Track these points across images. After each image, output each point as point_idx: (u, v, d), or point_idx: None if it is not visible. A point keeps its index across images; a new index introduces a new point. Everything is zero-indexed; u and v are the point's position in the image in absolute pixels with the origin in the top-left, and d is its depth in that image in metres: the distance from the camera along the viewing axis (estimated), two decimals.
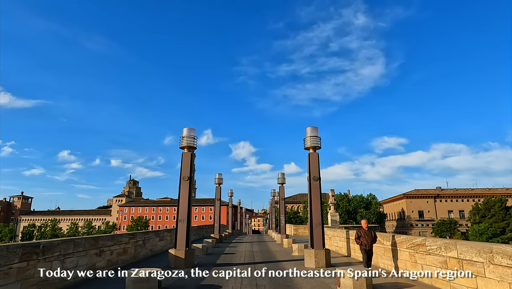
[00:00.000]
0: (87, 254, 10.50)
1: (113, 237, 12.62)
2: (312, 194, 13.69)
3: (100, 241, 11.53)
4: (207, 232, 37.04)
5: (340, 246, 18.40)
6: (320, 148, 14.34)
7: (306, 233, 40.79)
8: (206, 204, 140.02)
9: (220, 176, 29.30)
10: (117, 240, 12.95)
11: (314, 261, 12.90)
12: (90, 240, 10.79)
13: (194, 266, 13.34)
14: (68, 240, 9.58)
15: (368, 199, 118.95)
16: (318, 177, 13.93)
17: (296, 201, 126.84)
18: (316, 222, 13.46)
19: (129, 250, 14.22)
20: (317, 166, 14.05)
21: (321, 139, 14.41)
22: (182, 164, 14.11)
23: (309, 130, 14.44)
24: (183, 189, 13.85)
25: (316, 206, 13.59)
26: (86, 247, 10.51)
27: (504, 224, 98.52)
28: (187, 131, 14.41)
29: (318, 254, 12.96)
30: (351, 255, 16.35)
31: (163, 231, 19.49)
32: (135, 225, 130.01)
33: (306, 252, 13.33)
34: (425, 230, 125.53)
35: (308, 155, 14.25)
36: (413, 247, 10.23)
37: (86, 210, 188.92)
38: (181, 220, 13.50)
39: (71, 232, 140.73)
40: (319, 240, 13.23)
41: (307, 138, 14.40)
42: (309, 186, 13.88)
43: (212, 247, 22.58)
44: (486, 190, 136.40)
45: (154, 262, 14.98)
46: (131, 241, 14.51)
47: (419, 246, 9.86)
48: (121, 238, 13.35)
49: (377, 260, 13.07)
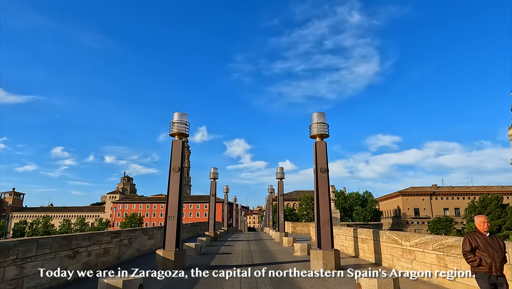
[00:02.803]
0: (56, 256, 8.81)
1: (91, 236, 10.93)
2: (320, 187, 12.10)
3: (74, 240, 9.84)
4: (201, 230, 35.42)
5: (346, 246, 16.88)
6: (328, 136, 12.74)
7: (304, 231, 39.31)
8: (201, 201, 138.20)
9: (216, 170, 27.62)
10: (96, 239, 11.27)
11: (322, 263, 11.32)
12: (60, 240, 9.10)
13: (185, 268, 11.73)
14: (29, 240, 7.88)
15: (364, 196, 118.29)
16: (326, 168, 12.34)
17: (292, 198, 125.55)
18: (324, 219, 11.87)
19: (112, 250, 12.54)
20: (325, 156, 12.45)
21: (329, 126, 12.81)
22: (172, 153, 12.44)
23: (315, 116, 12.82)
24: (173, 181, 12.19)
25: (324, 201, 12.01)
26: (55, 249, 8.82)
27: (501, 222, 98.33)
28: (178, 116, 12.72)
29: (326, 256, 11.39)
30: (360, 256, 14.84)
31: (152, 229, 17.82)
32: (129, 222, 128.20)
33: (313, 253, 11.75)
34: (421, 228, 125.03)
35: (315, 143, 12.64)
36: (442, 248, 8.70)
37: (79, 206, 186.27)
38: (171, 217, 11.84)
39: (64, 229, 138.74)
40: (328, 239, 11.65)
41: (313, 126, 12.78)
42: (316, 178, 12.28)
43: (206, 246, 20.96)
44: (482, 187, 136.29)
45: (141, 263, 13.32)
46: (114, 240, 12.83)
47: (451, 248, 8.32)
48: (101, 237, 11.67)
49: (393, 262, 11.54)
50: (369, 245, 13.82)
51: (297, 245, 16.57)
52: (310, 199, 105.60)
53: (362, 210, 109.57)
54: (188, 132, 12.86)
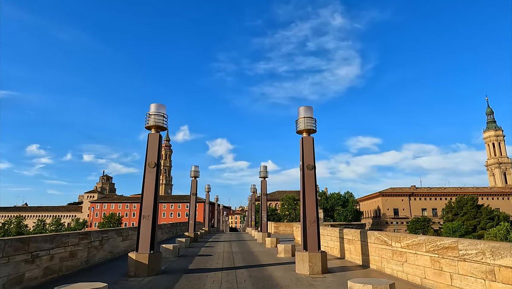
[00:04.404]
0: (9, 261, 7.72)
1: (54, 238, 9.82)
2: (306, 185, 11.40)
3: (33, 243, 8.73)
4: (181, 230, 34.27)
5: (331, 247, 16.29)
6: (315, 131, 12.07)
7: (287, 231, 38.72)
8: (182, 201, 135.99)
9: (197, 168, 26.61)
10: (61, 241, 10.16)
11: (308, 266, 10.63)
12: (15, 243, 7.99)
13: (161, 273, 10.78)
14: None
15: (345, 196, 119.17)
16: (313, 165, 11.66)
17: (274, 198, 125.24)
18: (310, 219, 11.18)
19: (79, 253, 11.43)
20: (311, 152, 11.77)
21: (316, 121, 12.15)
22: (148, 147, 11.44)
23: (302, 110, 12.12)
24: (148, 178, 11.19)
25: (310, 199, 11.31)
26: (9, 253, 7.72)
27: (476, 222, 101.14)
28: (155, 107, 11.72)
29: (312, 258, 10.70)
30: (346, 257, 14.26)
31: (127, 229, 16.69)
32: (107, 222, 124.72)
33: (298, 255, 11.04)
34: (400, 228, 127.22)
35: (301, 139, 11.94)
36: (437, 250, 8.14)
37: (55, 206, 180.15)
38: (145, 216, 10.85)
39: (38, 230, 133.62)
40: (314, 240, 10.97)
41: (300, 120, 12.08)
42: (302, 175, 11.58)
43: (185, 247, 19.97)
44: (458, 189, 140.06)
45: (112, 267, 12.26)
46: (83, 242, 11.71)
47: (448, 250, 7.76)
48: (66, 238, 10.55)
49: (381, 264, 10.98)
50: (356, 246, 13.25)
51: (281, 246, 15.84)
52: (292, 199, 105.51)
53: (343, 210, 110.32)
54: (166, 125, 11.90)
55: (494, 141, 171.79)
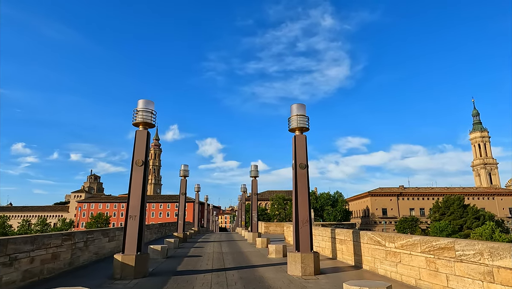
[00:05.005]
0: None
1: (34, 239, 9.33)
2: (299, 184, 11.15)
3: (11, 244, 8.25)
4: (170, 230, 33.72)
5: (323, 247, 16.09)
6: (308, 129, 11.81)
7: (277, 231, 38.51)
8: (171, 201, 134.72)
9: (186, 167, 26.17)
10: (42, 242, 9.66)
11: (301, 268, 10.37)
12: None
13: (148, 275, 10.38)
14: None
15: (335, 196, 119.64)
16: (306, 164, 11.40)
17: (264, 198, 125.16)
18: (303, 219, 10.93)
19: (62, 255, 10.93)
20: (304, 151, 11.52)
21: (309, 119, 11.90)
22: (136, 144, 11.02)
23: (295, 108, 11.86)
24: (135, 177, 10.78)
25: (303, 199, 11.06)
26: None
27: (462, 221, 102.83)
28: (143, 103, 11.31)
29: (305, 259, 10.45)
30: (338, 258, 14.06)
31: (113, 229, 16.18)
32: (95, 222, 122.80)
33: (290, 255, 10.78)
34: (388, 227, 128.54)
35: (294, 137, 11.68)
36: (433, 251, 7.97)
37: (40, 206, 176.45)
38: (132, 217, 10.45)
39: (23, 230, 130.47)
40: (307, 241, 10.72)
41: (292, 118, 11.81)
42: (295, 174, 11.32)
43: (174, 248, 19.53)
44: (445, 189, 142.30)
45: (97, 270, 11.80)
46: (66, 243, 11.21)
47: (444, 250, 7.59)
48: (48, 239, 10.06)
49: (374, 265, 10.80)
50: (348, 247, 13.06)
51: (272, 246, 15.56)
52: (283, 199, 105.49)
53: (332, 210, 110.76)
54: (155, 122, 11.49)
55: (480, 142, 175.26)
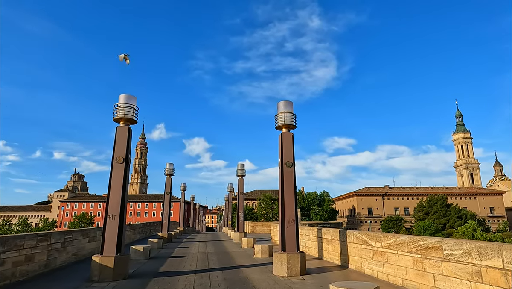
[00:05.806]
0: None
1: (6, 240, 8.80)
2: (285, 183, 10.92)
3: None
4: (155, 230, 33.09)
5: (309, 246, 15.92)
6: (295, 127, 11.59)
7: (264, 231, 38.30)
8: (157, 200, 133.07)
9: (171, 166, 25.65)
10: (14, 243, 9.14)
11: (286, 268, 10.14)
12: None
13: (128, 277, 9.96)
14: None
15: (322, 196, 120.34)
16: (293, 162, 11.18)
17: (251, 198, 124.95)
18: (289, 218, 10.71)
19: (37, 256, 10.40)
20: (291, 149, 11.30)
21: (296, 116, 11.68)
22: (116, 141, 10.57)
23: (282, 105, 11.63)
24: (116, 174, 10.34)
25: (289, 198, 10.84)
26: None
27: (445, 220, 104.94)
28: (125, 98, 10.86)
29: (291, 259, 10.23)
30: (324, 257, 13.91)
31: (94, 230, 15.63)
32: (78, 222, 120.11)
33: (276, 256, 10.53)
34: (374, 226, 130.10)
35: (281, 135, 11.44)
36: (420, 250, 7.84)
37: (21, 205, 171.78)
38: (112, 216, 10.02)
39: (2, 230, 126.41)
40: (293, 241, 10.50)
41: (279, 115, 11.57)
42: (281, 173, 11.08)
43: (158, 248, 19.04)
44: (428, 188, 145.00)
45: (75, 272, 11.30)
46: (42, 244, 10.68)
47: (431, 250, 7.47)
48: (21, 240, 9.53)
49: (361, 264, 10.66)
50: (334, 246, 12.91)
51: (257, 246, 15.30)
52: (270, 198, 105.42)
53: (319, 209, 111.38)
54: (137, 118, 11.06)
55: (462, 143, 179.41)
